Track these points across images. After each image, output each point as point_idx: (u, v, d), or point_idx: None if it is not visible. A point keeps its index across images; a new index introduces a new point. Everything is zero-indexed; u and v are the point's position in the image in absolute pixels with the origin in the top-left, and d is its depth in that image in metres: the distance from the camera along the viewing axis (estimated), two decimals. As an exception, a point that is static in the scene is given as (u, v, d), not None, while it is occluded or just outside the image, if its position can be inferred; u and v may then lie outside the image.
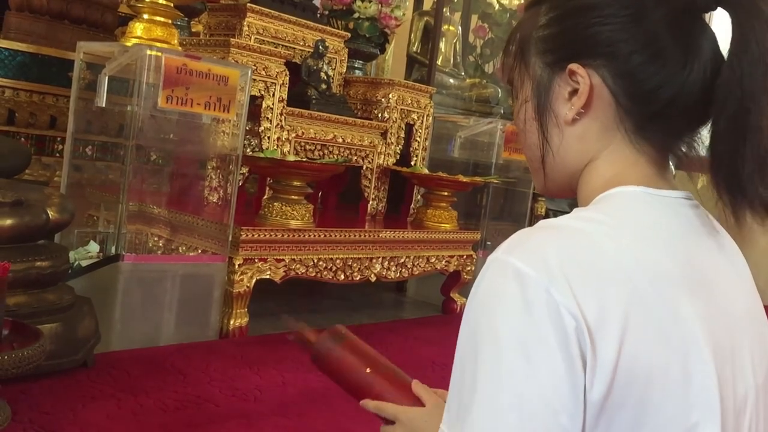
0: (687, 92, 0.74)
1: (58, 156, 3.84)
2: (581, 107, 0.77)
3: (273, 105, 3.22)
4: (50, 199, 2.19)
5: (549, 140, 0.80)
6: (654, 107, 0.75)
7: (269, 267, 2.87)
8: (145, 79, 2.43)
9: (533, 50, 0.80)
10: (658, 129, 0.76)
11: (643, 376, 0.66)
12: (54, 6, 3.71)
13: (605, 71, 0.75)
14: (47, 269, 2.12)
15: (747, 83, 0.70)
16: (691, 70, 0.74)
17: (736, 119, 0.71)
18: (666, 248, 0.72)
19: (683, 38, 0.74)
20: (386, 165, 3.77)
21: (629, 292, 0.67)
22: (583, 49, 0.76)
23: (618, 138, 0.77)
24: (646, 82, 0.75)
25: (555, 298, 0.64)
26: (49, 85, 3.65)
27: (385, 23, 4.13)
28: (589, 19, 0.76)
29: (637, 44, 0.74)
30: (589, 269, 0.66)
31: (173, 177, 3.03)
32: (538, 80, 0.80)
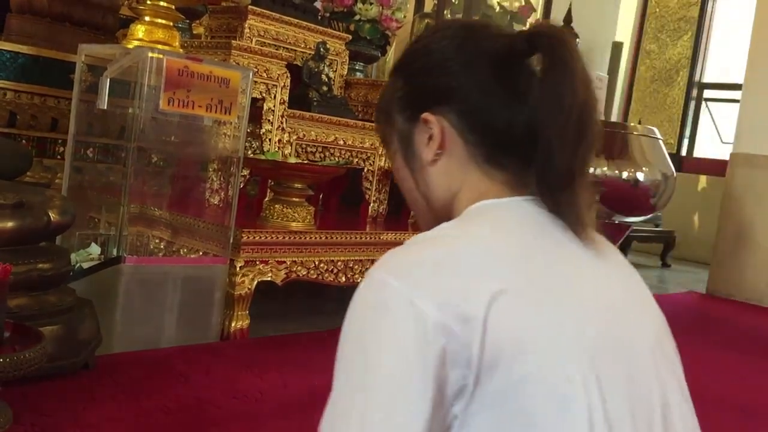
0: (514, 128, 0.89)
1: (59, 158, 3.84)
2: (438, 148, 0.92)
3: (274, 107, 3.22)
4: (52, 201, 2.19)
5: (419, 182, 0.95)
6: (492, 139, 0.90)
7: (270, 269, 2.87)
8: (146, 81, 2.42)
9: (395, 110, 0.97)
10: (504, 156, 0.90)
11: (512, 351, 0.73)
12: (55, 8, 3.71)
13: (450, 114, 0.91)
14: (49, 271, 2.12)
15: (551, 127, 0.84)
16: (516, 111, 0.89)
17: (542, 152, 0.85)
18: (517, 239, 0.83)
19: (508, 83, 0.90)
20: (387, 167, 3.77)
21: (489, 280, 0.75)
22: (431, 100, 0.92)
23: (473, 169, 0.91)
24: (481, 119, 0.90)
25: (418, 306, 0.72)
26: (51, 87, 3.65)
27: (386, 25, 4.13)
28: (431, 75, 0.93)
29: (471, 88, 0.90)
30: (446, 271, 0.75)
31: (174, 179, 3.03)
32: (401, 133, 0.96)
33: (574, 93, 0.85)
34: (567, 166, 0.85)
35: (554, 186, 0.86)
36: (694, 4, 8.93)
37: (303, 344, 2.86)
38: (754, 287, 5.48)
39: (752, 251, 5.51)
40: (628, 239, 6.38)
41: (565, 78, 0.85)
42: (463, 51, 0.92)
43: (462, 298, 0.73)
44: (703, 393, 3.05)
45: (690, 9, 8.93)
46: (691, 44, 8.91)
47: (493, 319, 0.73)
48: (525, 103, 0.88)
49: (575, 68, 0.86)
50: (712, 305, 5.29)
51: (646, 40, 9.08)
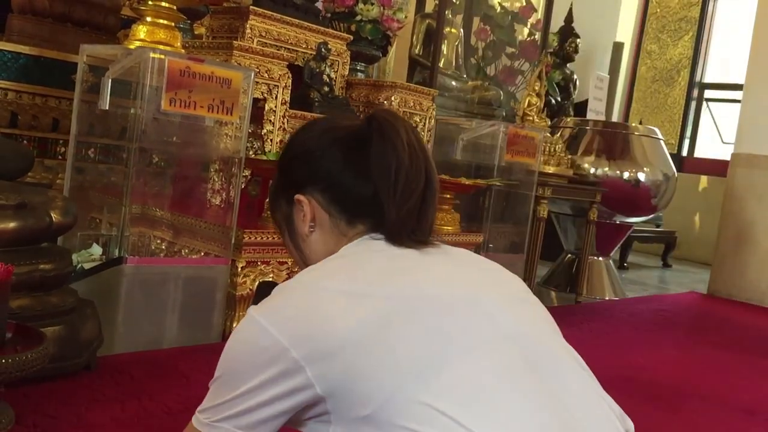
0: (361, 195, 1.10)
1: (60, 159, 3.84)
2: (311, 221, 1.14)
3: (275, 107, 3.22)
4: (53, 201, 2.19)
5: (302, 250, 1.18)
6: (349, 205, 1.12)
7: (272, 269, 2.87)
8: (148, 82, 2.42)
9: (278, 197, 1.20)
10: (360, 219, 1.11)
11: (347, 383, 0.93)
12: (56, 8, 3.71)
13: (316, 192, 1.13)
14: (51, 272, 2.12)
15: (380, 191, 1.07)
16: (361, 182, 1.10)
17: (380, 210, 1.08)
18: (370, 267, 1.04)
19: (353, 160, 1.10)
20: (389, 167, 3.77)
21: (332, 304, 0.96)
22: (299, 183, 1.15)
23: (339, 232, 1.13)
24: (338, 191, 1.12)
25: (273, 335, 0.93)
26: (52, 88, 3.65)
27: (388, 26, 4.13)
28: (299, 163, 1.16)
29: (328, 168, 1.12)
30: (301, 301, 0.98)
31: (176, 179, 3.02)
32: (285, 214, 1.19)
33: (399, 162, 1.06)
34: (395, 217, 1.07)
35: (391, 231, 1.08)
36: (694, 5, 8.93)
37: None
38: (755, 287, 5.48)
39: (753, 251, 5.51)
40: (629, 239, 6.38)
41: (390, 152, 1.06)
42: (322, 140, 1.14)
43: (310, 332, 0.94)
44: (704, 393, 3.07)
45: (691, 9, 8.94)
46: (691, 44, 8.91)
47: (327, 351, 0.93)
48: (368, 174, 1.09)
49: (400, 143, 1.07)
50: (713, 305, 5.29)
51: (647, 41, 9.08)
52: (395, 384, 0.90)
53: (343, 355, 0.91)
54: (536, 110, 4.49)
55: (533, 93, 4.50)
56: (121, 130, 3.29)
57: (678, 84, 8.96)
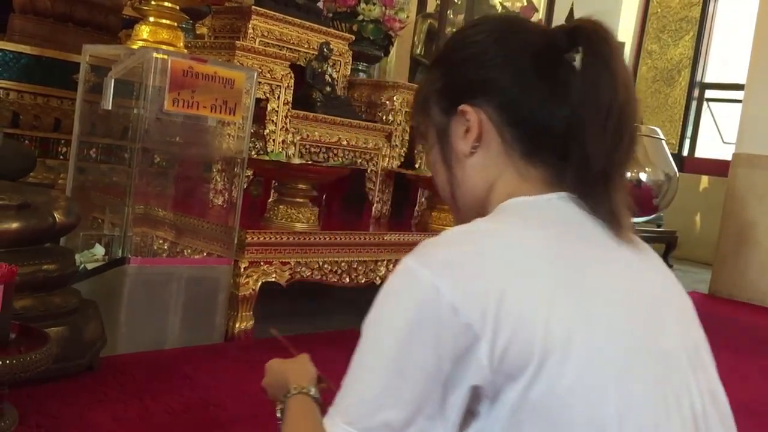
0: (554, 124, 0.88)
1: (62, 158, 3.83)
2: (475, 140, 0.91)
3: (278, 108, 3.21)
4: (56, 202, 2.19)
5: (454, 176, 0.95)
6: (529, 135, 0.89)
7: (275, 270, 2.87)
8: (151, 82, 2.42)
9: (432, 103, 0.96)
10: (540, 154, 0.90)
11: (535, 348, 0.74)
12: (58, 8, 3.71)
13: (488, 106, 0.90)
14: (54, 272, 2.12)
15: (588, 127, 0.84)
16: (557, 106, 0.87)
17: (579, 152, 0.85)
18: (548, 238, 0.82)
19: (548, 78, 0.88)
20: (391, 167, 3.76)
21: (514, 271, 0.77)
22: (469, 92, 0.92)
23: (508, 164, 0.91)
24: (520, 112, 0.89)
25: (440, 291, 0.75)
26: (53, 88, 3.65)
27: (390, 26, 4.12)
28: (470, 67, 0.92)
29: (510, 81, 0.89)
30: (474, 261, 0.77)
31: (179, 180, 3.02)
32: (438, 126, 0.95)
33: (615, 92, 0.84)
34: (602, 168, 0.84)
35: (589, 186, 0.85)
36: (695, 5, 8.92)
37: (307, 345, 2.83)
38: (755, 287, 5.48)
39: (754, 251, 5.51)
40: (630, 240, 6.36)
41: (605, 77, 0.84)
42: (503, 44, 0.91)
43: (481, 291, 0.75)
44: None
45: (692, 9, 8.93)
46: (692, 44, 8.90)
47: (508, 317, 0.74)
48: (565, 99, 0.86)
49: (616, 67, 0.85)
50: (714, 305, 5.28)
51: (648, 40, 9.07)
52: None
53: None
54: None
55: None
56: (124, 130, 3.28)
57: (679, 84, 8.96)
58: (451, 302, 0.74)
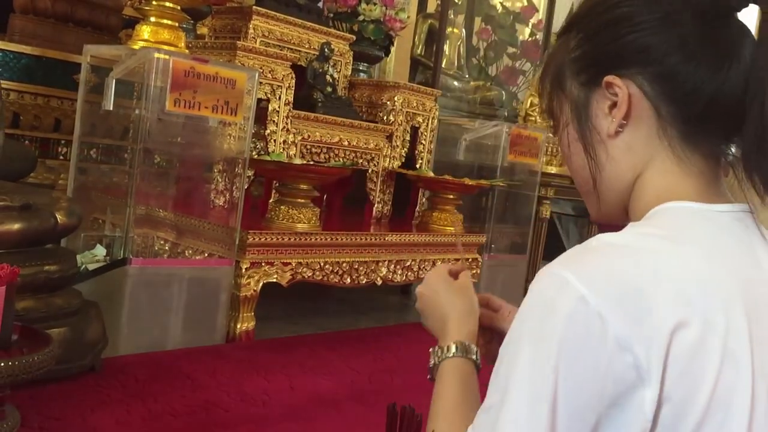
0: (726, 94, 0.74)
1: (62, 159, 3.83)
2: (622, 118, 0.77)
3: (279, 108, 3.21)
4: (58, 203, 2.18)
5: (595, 158, 0.79)
6: (694, 109, 0.74)
7: (276, 270, 2.86)
8: (152, 83, 2.41)
9: (568, 74, 0.81)
10: (703, 134, 0.76)
11: (700, 404, 0.65)
12: (59, 8, 3.70)
13: (641, 78, 0.76)
14: (55, 273, 2.11)
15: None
16: (729, 72, 0.73)
17: (762, 119, 0.71)
18: (726, 268, 0.70)
19: (716, 40, 0.74)
20: (392, 168, 3.76)
21: (691, 315, 0.65)
22: (617, 60, 0.77)
23: (664, 147, 0.76)
24: (682, 84, 0.74)
25: (607, 322, 0.63)
26: (54, 88, 3.64)
27: (390, 26, 4.12)
28: (618, 31, 0.77)
29: (669, 47, 0.74)
30: (647, 292, 0.65)
31: (180, 180, 3.01)
32: (575, 101, 0.80)
33: None
34: None
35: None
36: (695, 5, 8.93)
37: (308, 346, 2.85)
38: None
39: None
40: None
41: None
42: (661, 2, 0.76)
43: (652, 328, 0.64)
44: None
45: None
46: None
47: (677, 352, 0.64)
48: (736, 64, 0.73)
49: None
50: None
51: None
52: None
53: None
54: (538, 110, 4.48)
55: (536, 93, 4.50)
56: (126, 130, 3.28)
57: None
58: (617, 336, 0.63)
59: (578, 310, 0.64)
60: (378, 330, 3.30)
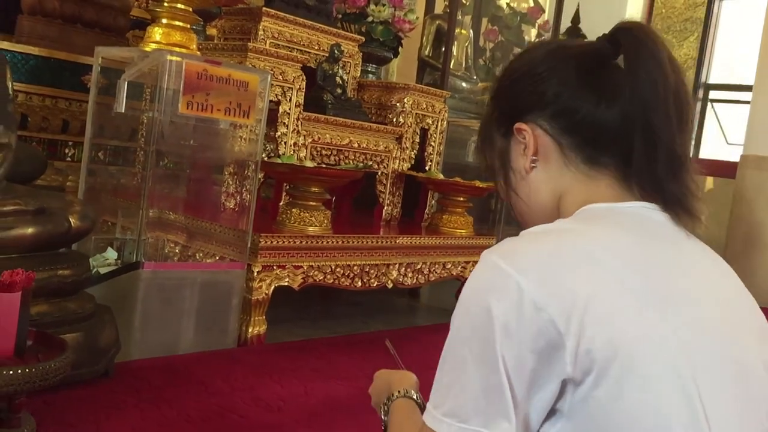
0: (609, 123, 0.89)
1: (69, 161, 3.81)
2: (533, 155, 0.93)
3: (290, 110, 3.19)
4: (72, 206, 2.16)
5: (520, 192, 0.97)
6: (586, 136, 0.91)
7: (287, 274, 2.84)
8: (165, 85, 2.39)
9: (492, 131, 0.99)
10: (601, 156, 0.91)
11: (621, 349, 0.75)
12: (67, 9, 3.68)
13: (541, 120, 0.92)
14: (69, 278, 2.09)
15: (650, 114, 0.86)
16: (606, 107, 0.89)
17: (644, 143, 0.86)
18: (628, 242, 0.83)
19: (595, 79, 0.90)
20: (401, 170, 3.74)
21: (600, 273, 0.78)
22: (522, 109, 0.94)
23: (572, 171, 0.92)
24: (572, 118, 0.91)
25: (523, 289, 0.76)
26: (62, 89, 3.62)
27: (399, 27, 4.10)
28: (519, 87, 0.95)
29: (558, 90, 0.91)
30: (559, 260, 0.79)
31: (192, 183, 3.00)
32: (500, 149, 0.98)
33: (665, 79, 0.86)
34: (673, 152, 0.86)
35: (661, 176, 0.86)
36: (700, 5, 8.89)
37: (319, 350, 2.83)
38: (765, 290, 5.44)
39: (763, 254, 5.48)
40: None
41: (654, 65, 0.87)
42: (550, 58, 0.94)
43: (566, 290, 0.76)
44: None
45: (696, 10, 8.90)
46: (697, 45, 8.88)
47: (592, 317, 0.75)
48: (615, 96, 0.88)
49: (662, 56, 0.87)
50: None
51: (653, 41, 9.05)
52: None
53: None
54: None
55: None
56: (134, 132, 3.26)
57: (683, 84, 8.94)
58: (534, 300, 0.75)
59: (502, 287, 0.77)
60: (388, 334, 3.28)
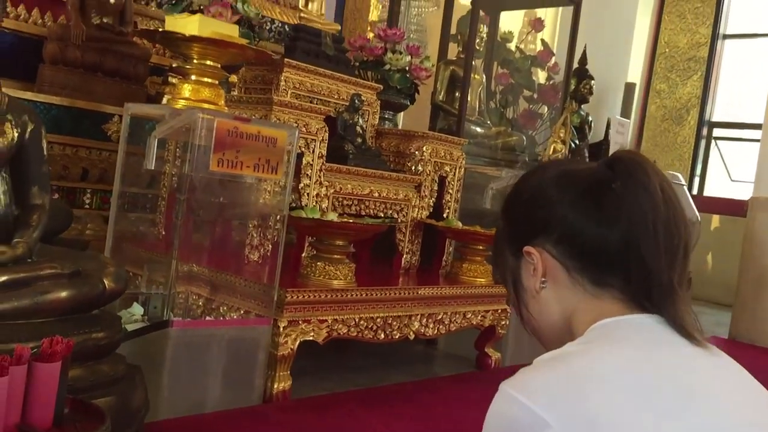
0: (610, 248, 0.96)
1: (88, 208, 3.81)
2: (542, 277, 1.01)
3: (313, 161, 3.20)
4: (106, 268, 2.15)
5: (531, 310, 1.05)
6: (591, 261, 0.98)
7: (313, 328, 2.82)
8: (197, 142, 2.41)
9: (505, 249, 1.08)
10: (606, 276, 0.97)
11: None
12: (88, 59, 3.71)
13: (548, 244, 1.01)
14: (103, 340, 2.08)
15: (641, 244, 0.93)
16: (609, 231, 0.96)
17: (638, 270, 0.95)
18: (642, 357, 0.89)
19: (595, 206, 0.98)
20: (420, 218, 3.74)
21: (613, 393, 0.84)
22: (530, 233, 1.02)
23: (580, 291, 0.99)
24: (576, 243, 0.98)
25: (541, 420, 0.83)
26: (82, 138, 3.64)
27: (416, 74, 4.13)
28: (527, 210, 1.04)
29: (563, 218, 0.99)
30: (573, 386, 0.85)
31: (217, 236, 2.99)
32: (511, 269, 1.07)
33: (656, 210, 0.93)
34: (661, 282, 0.93)
35: (656, 300, 0.94)
36: (703, 45, 9.00)
37: (344, 405, 2.81)
38: (778, 333, 5.43)
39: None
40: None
41: (644, 197, 0.94)
42: (554, 185, 1.02)
43: (582, 416, 0.82)
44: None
45: (699, 49, 9.01)
46: (701, 84, 8.97)
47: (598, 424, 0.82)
48: (615, 222, 0.96)
49: (653, 187, 0.94)
50: (735, 351, 5.22)
51: (656, 80, 9.13)
52: None
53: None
54: (561, 157, 4.49)
55: (558, 140, 4.51)
56: (161, 184, 3.26)
57: (688, 123, 9.00)
58: (546, 421, 0.83)
59: (517, 416, 0.85)
60: (410, 386, 3.26)
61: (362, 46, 4.17)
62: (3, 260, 1.95)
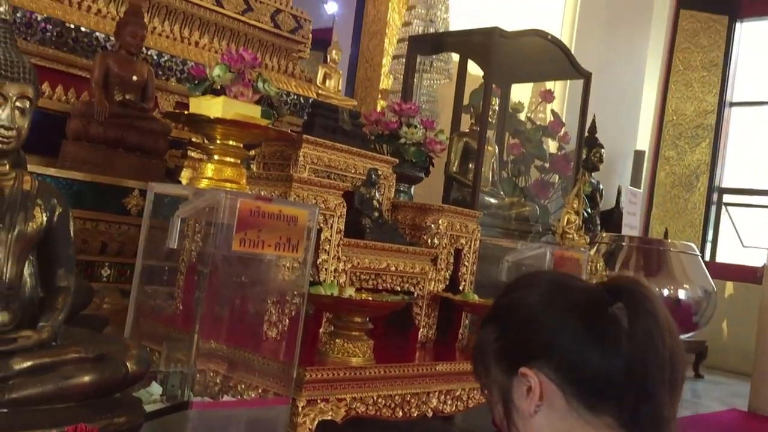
0: (611, 378, 0.95)
1: (105, 281, 3.84)
2: (539, 401, 0.99)
3: (331, 236, 3.22)
4: (128, 350, 2.16)
5: (520, 430, 1.01)
6: (591, 389, 0.97)
7: (331, 407, 2.79)
8: (220, 222, 2.43)
9: (492, 360, 1.04)
10: (603, 404, 0.96)
11: None
12: (111, 134, 3.78)
13: (547, 368, 0.98)
14: (124, 425, 2.07)
15: (647, 374, 0.93)
16: (610, 359, 0.96)
17: (635, 401, 0.93)
18: None
19: (599, 335, 0.97)
20: (436, 291, 3.74)
21: None
22: (527, 354, 0.99)
23: (575, 417, 0.97)
24: (579, 372, 0.97)
25: None
26: (103, 212, 3.68)
27: (431, 148, 4.19)
28: (526, 330, 1.00)
29: (564, 344, 0.97)
30: None
31: (236, 313, 2.99)
32: (500, 384, 1.03)
33: (663, 341, 0.94)
34: (660, 415, 0.94)
35: (647, 429, 0.94)
36: (710, 112, 9.12)
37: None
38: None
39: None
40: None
41: (653, 327, 0.93)
42: (554, 306, 1.00)
43: None
44: None
45: (707, 117, 9.12)
46: (709, 150, 9.05)
47: None
48: (617, 352, 0.96)
49: (659, 318, 0.94)
50: (759, 425, 5.14)
51: (665, 147, 9.22)
52: None
53: None
54: (575, 228, 4.50)
55: (572, 210, 4.53)
56: (180, 260, 3.29)
57: (697, 189, 9.05)
58: None
59: None
60: (429, 464, 3.20)
61: (377, 120, 4.25)
62: (28, 345, 1.96)
